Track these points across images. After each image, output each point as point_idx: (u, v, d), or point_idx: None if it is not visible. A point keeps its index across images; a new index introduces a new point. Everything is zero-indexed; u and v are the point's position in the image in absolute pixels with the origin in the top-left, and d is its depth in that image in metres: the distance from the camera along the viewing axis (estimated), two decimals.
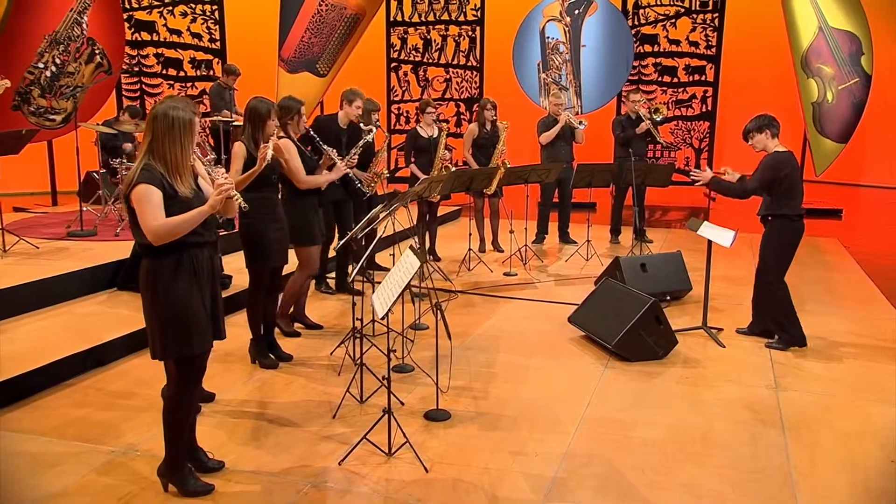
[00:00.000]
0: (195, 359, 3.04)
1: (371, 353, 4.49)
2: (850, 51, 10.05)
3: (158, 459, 3.18)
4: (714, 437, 3.74)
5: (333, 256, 6.19)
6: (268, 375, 4.48)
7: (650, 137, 8.13)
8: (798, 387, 4.39)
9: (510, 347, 5.03)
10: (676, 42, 11.04)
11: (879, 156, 12.86)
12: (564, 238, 8.35)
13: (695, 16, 10.94)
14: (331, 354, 4.81)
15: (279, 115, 4.54)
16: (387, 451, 3.47)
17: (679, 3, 10.95)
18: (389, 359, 3.60)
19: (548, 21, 10.98)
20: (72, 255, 6.08)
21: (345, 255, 6.05)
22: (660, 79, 11.16)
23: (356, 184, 5.58)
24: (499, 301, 6.13)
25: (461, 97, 11.75)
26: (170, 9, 10.59)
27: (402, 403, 4.03)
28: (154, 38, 10.61)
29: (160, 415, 3.11)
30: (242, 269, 4.63)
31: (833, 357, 4.88)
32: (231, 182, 2.95)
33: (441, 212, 8.01)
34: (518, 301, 6.15)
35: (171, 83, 10.75)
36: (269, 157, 4.04)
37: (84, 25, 8.87)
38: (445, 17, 11.63)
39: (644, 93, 9.66)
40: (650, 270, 5.95)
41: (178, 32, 10.69)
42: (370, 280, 5.00)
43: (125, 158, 7.15)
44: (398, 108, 11.91)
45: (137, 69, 10.59)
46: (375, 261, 6.60)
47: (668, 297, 5.99)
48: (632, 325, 4.70)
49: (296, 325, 5.23)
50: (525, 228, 7.69)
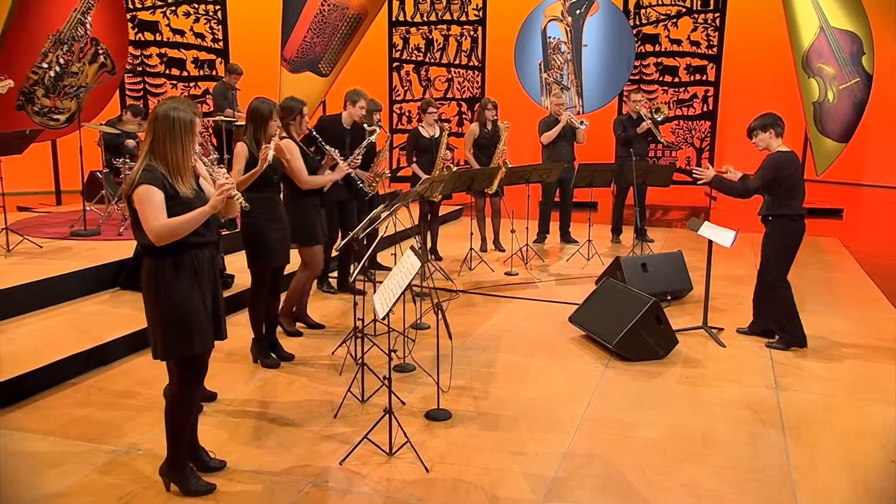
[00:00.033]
0: (196, 359, 3.06)
1: (372, 353, 4.51)
2: (852, 50, 10.03)
3: (160, 459, 3.19)
4: (714, 437, 3.75)
5: (336, 256, 6.20)
6: (269, 375, 4.50)
7: (651, 137, 8.14)
8: (798, 387, 4.40)
9: (511, 347, 5.04)
10: (678, 42, 11.03)
11: (880, 155, 12.84)
12: (565, 238, 8.36)
13: (696, 15, 10.93)
14: (332, 354, 4.82)
15: (281, 116, 4.56)
16: (388, 451, 3.48)
17: (680, 3, 10.94)
18: (390, 358, 3.61)
19: (549, 21, 10.98)
20: (75, 255, 6.10)
21: (347, 255, 6.07)
22: (661, 78, 11.15)
23: (358, 183, 5.60)
24: (500, 301, 6.14)
25: (463, 97, 11.76)
26: (173, 9, 10.61)
27: (403, 403, 4.05)
28: (157, 38, 10.64)
29: (162, 414, 3.12)
30: (245, 269, 4.64)
31: (833, 357, 4.88)
32: (232, 182, 2.96)
33: (442, 211, 8.03)
34: (519, 301, 6.16)
35: (175, 83, 10.78)
36: (271, 158, 4.05)
37: (88, 25, 8.89)
38: (447, 17, 11.64)
39: (645, 92, 9.65)
40: (651, 270, 5.96)
41: (182, 32, 10.72)
42: (372, 280, 5.02)
43: (128, 157, 7.18)
44: (400, 108, 11.93)
45: (141, 69, 10.62)
46: (377, 260, 6.62)
47: (669, 297, 6.00)
48: (632, 325, 4.71)
49: (297, 325, 5.24)
50: (526, 228, 7.70)
